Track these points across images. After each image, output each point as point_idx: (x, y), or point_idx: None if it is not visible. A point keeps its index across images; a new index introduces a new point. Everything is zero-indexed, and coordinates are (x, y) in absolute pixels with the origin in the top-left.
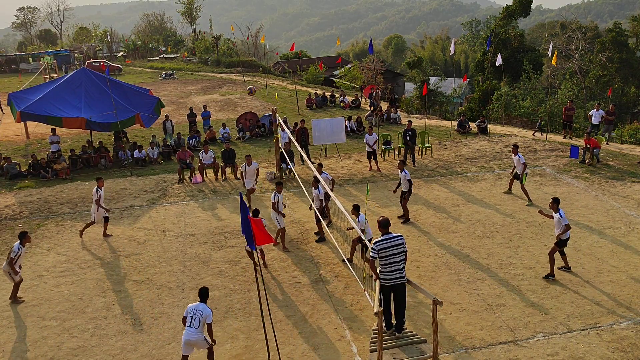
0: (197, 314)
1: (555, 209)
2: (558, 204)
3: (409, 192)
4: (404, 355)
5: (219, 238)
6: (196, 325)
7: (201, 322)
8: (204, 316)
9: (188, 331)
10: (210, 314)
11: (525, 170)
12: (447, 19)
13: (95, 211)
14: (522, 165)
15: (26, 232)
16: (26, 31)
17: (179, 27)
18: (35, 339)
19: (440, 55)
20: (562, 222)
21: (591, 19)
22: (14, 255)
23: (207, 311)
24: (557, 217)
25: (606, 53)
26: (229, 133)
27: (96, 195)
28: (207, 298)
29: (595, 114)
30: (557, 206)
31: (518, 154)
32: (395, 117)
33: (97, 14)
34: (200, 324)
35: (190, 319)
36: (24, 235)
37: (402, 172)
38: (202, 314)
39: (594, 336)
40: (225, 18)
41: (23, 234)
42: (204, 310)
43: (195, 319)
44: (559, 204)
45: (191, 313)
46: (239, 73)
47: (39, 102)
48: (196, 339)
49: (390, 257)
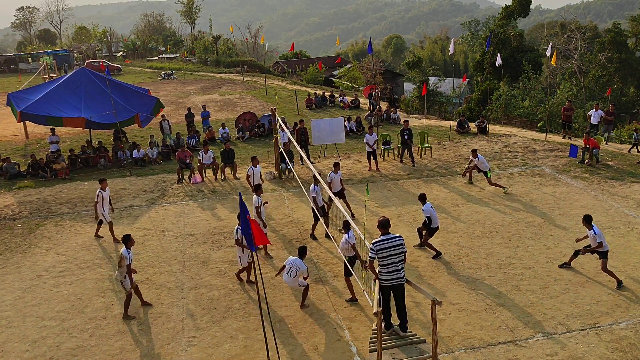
0: (294, 267)
1: (588, 226)
2: (590, 222)
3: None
4: (404, 355)
5: (218, 238)
6: (292, 275)
7: (297, 274)
8: (300, 270)
9: (286, 277)
10: (305, 269)
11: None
12: (446, 19)
13: (103, 212)
14: (483, 163)
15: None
16: (25, 31)
17: (179, 27)
18: (35, 339)
19: (439, 56)
20: (597, 239)
21: (590, 19)
22: (128, 262)
23: (303, 267)
24: (592, 235)
25: (605, 53)
26: (228, 133)
27: (98, 197)
28: (304, 256)
29: (594, 114)
30: (590, 223)
31: (478, 155)
32: (394, 117)
33: (96, 14)
34: (296, 275)
35: (289, 268)
36: (129, 238)
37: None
38: (298, 269)
39: (593, 336)
40: (225, 18)
41: (127, 237)
42: (300, 265)
43: (293, 270)
44: (591, 221)
45: (290, 264)
46: (239, 73)
47: (39, 102)
48: (291, 284)
49: (389, 258)
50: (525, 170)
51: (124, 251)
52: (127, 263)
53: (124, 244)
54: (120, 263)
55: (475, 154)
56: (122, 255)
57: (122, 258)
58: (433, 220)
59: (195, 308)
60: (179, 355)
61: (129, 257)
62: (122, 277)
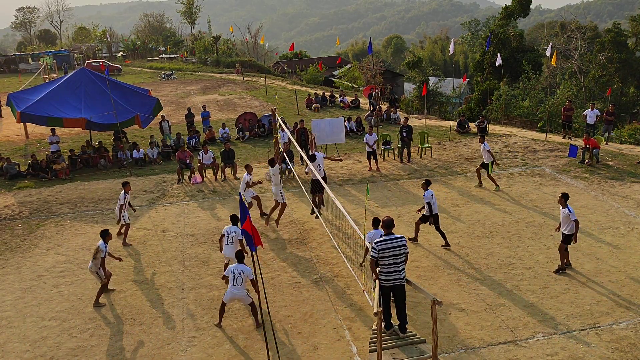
0: (237, 273)
1: (563, 204)
2: (567, 200)
3: (432, 216)
4: (404, 355)
5: (218, 238)
6: (239, 283)
7: (244, 280)
8: (245, 274)
9: (232, 288)
10: (250, 271)
11: (492, 158)
12: (446, 19)
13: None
14: (487, 152)
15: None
16: (25, 31)
17: (179, 27)
18: (35, 339)
19: (439, 56)
20: (570, 217)
21: (590, 19)
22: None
23: (247, 270)
24: (566, 212)
25: (605, 53)
26: (228, 133)
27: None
28: (243, 259)
29: (590, 114)
30: (566, 201)
31: (484, 142)
32: (394, 117)
33: (96, 14)
34: (242, 282)
35: (233, 278)
36: (106, 233)
37: (426, 192)
38: (243, 273)
39: (593, 336)
40: (225, 18)
41: (105, 232)
42: (244, 269)
43: (238, 277)
44: (567, 199)
45: (233, 273)
46: (238, 73)
47: (39, 103)
48: (240, 295)
49: (390, 258)
50: (525, 170)
51: (101, 244)
52: (102, 256)
53: (102, 238)
54: (96, 255)
55: (482, 139)
56: (99, 248)
57: (99, 251)
58: (433, 207)
59: (196, 308)
60: (179, 355)
61: (104, 250)
62: (97, 269)
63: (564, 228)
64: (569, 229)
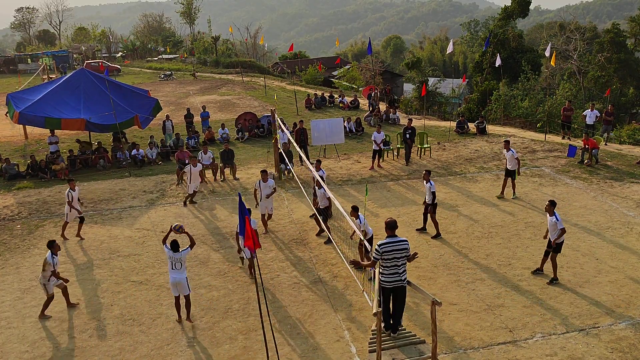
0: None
1: (551, 211)
2: (554, 207)
3: (432, 205)
4: (403, 355)
5: (217, 238)
6: (178, 267)
7: (182, 265)
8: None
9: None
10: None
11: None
12: (445, 19)
13: (68, 212)
14: (515, 160)
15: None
16: (25, 32)
17: (178, 27)
18: (34, 339)
19: (439, 56)
20: (558, 225)
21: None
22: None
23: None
24: (553, 220)
25: (604, 54)
26: (227, 133)
27: (68, 197)
28: (178, 247)
29: (590, 114)
30: (553, 209)
31: (511, 149)
32: (394, 117)
33: (95, 15)
34: (182, 267)
35: (171, 263)
36: (53, 244)
37: (427, 183)
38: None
39: (592, 336)
40: (224, 18)
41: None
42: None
43: (176, 262)
44: (554, 206)
45: (170, 259)
46: (238, 74)
47: (38, 103)
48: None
49: (392, 260)
50: (525, 170)
51: (48, 257)
52: (51, 269)
53: (49, 249)
54: (45, 268)
55: (507, 145)
56: (47, 261)
57: (47, 264)
58: (435, 196)
59: (195, 309)
60: (179, 355)
61: (52, 263)
62: (45, 281)
63: (552, 236)
64: (556, 236)
